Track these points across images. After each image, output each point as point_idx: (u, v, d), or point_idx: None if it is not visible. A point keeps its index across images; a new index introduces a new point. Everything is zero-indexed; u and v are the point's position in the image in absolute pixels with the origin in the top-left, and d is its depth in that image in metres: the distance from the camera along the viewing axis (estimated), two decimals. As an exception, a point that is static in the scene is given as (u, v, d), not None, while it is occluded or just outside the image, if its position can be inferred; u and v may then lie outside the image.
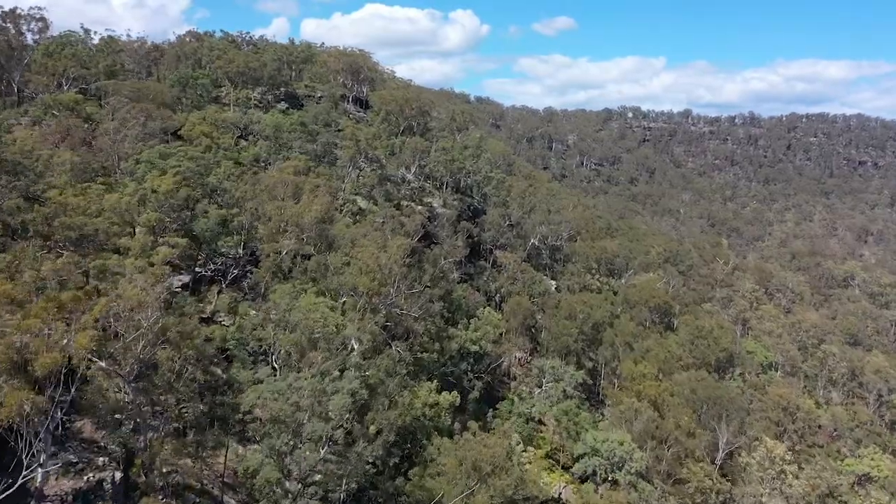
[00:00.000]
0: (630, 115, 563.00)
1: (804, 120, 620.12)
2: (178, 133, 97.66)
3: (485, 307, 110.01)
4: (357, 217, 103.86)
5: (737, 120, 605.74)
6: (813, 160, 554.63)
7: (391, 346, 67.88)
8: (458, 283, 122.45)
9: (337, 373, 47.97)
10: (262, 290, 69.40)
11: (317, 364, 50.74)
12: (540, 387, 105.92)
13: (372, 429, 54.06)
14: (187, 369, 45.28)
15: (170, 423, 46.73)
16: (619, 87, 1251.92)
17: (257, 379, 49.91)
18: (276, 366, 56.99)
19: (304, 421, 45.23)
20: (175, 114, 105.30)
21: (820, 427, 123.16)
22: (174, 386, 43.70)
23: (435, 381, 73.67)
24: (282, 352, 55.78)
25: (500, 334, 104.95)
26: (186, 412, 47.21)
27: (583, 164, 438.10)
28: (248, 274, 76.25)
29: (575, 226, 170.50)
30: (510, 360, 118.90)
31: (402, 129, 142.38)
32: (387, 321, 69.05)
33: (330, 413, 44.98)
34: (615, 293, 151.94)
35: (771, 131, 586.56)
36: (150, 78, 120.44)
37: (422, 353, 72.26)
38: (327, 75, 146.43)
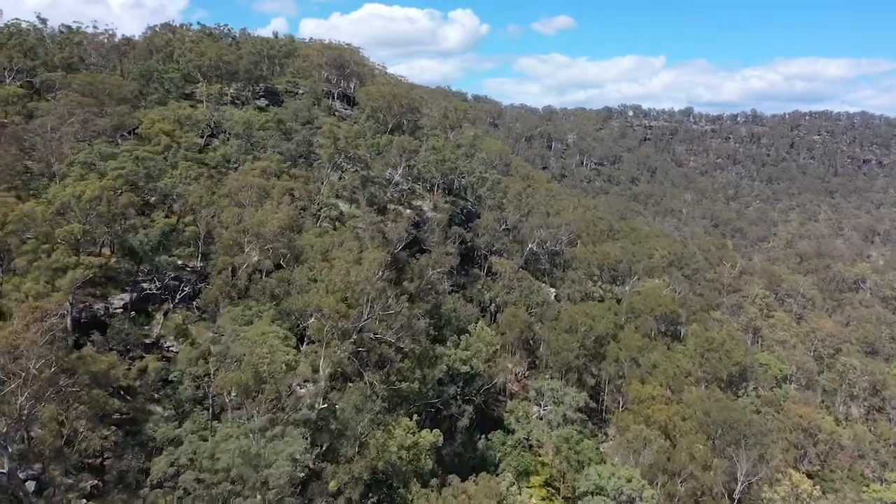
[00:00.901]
0: (630, 113, 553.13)
1: (807, 118, 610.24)
2: (137, 131, 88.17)
3: (478, 321, 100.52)
4: (336, 223, 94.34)
5: (739, 118, 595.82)
6: (817, 159, 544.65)
7: (363, 378, 58.28)
8: (449, 293, 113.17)
9: (281, 427, 38.26)
10: (215, 311, 59.72)
11: (261, 412, 41.07)
12: (539, 404, 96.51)
13: (333, 484, 44.54)
14: (79, 430, 35.61)
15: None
16: (619, 86, 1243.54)
17: (180, 435, 40.22)
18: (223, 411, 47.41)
19: (238, 490, 35.61)
20: (137, 110, 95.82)
21: (842, 447, 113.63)
22: (64, 451, 34.03)
23: (416, 415, 64.12)
24: (225, 393, 46.14)
25: (494, 352, 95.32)
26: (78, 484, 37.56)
27: (583, 163, 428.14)
28: (204, 290, 66.64)
29: (575, 228, 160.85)
30: (507, 376, 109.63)
31: (390, 127, 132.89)
32: (358, 347, 59.46)
33: (269, 482, 35.32)
34: (619, 301, 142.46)
35: (773, 129, 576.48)
36: (114, 72, 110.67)
37: (401, 382, 62.67)
38: (310, 70, 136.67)
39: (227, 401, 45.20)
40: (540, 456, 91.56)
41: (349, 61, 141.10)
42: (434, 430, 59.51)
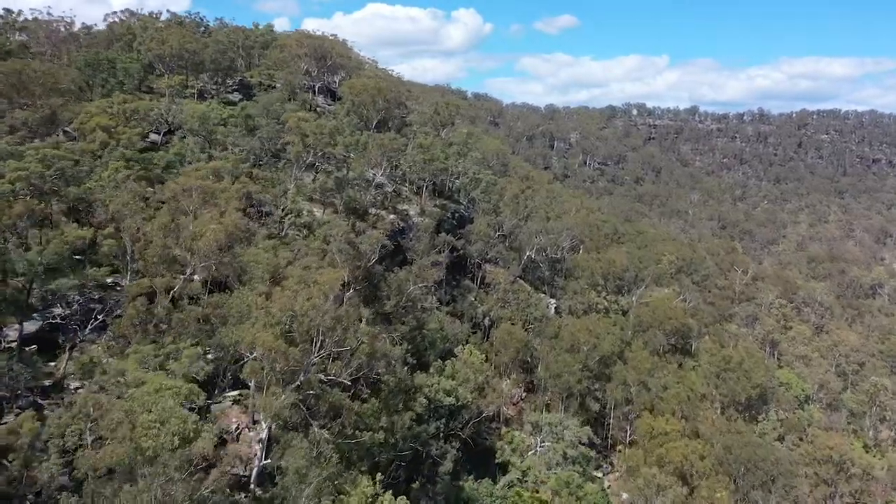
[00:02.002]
0: (635, 112, 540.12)
1: (815, 116, 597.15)
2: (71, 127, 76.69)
3: (466, 342, 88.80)
4: (306, 231, 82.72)
5: (745, 117, 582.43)
6: (825, 158, 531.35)
7: (312, 431, 46.64)
8: (437, 307, 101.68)
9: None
10: (126, 348, 48.00)
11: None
12: (536, 439, 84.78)
13: None
14: None
15: None
16: (622, 85, 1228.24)
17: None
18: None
19: None
20: (80, 103, 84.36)
21: (875, 479, 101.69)
22: None
23: (382, 468, 52.42)
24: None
25: (485, 380, 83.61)
26: None
27: (586, 163, 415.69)
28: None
29: (578, 233, 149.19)
30: (501, 400, 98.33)
31: (374, 123, 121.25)
32: (308, 391, 47.79)
33: None
34: (625, 313, 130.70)
35: (780, 128, 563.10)
36: (60, 62, 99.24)
37: (361, 431, 51.02)
38: (289, 62, 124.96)
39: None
40: (538, 491, 79.92)
41: (330, 52, 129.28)
42: (400, 498, 47.67)
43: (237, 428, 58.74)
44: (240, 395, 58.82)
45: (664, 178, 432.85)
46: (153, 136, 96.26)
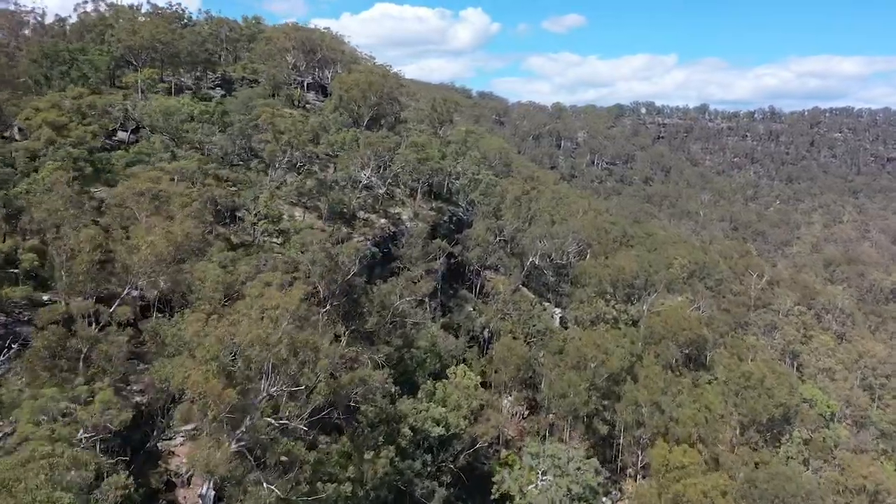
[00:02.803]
0: (643, 111, 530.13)
1: (827, 115, 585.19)
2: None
3: (461, 361, 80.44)
4: (281, 238, 74.53)
5: (756, 115, 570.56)
6: (838, 157, 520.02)
7: (259, 486, 38.38)
8: (433, 319, 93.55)
9: None
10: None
11: None
12: (537, 472, 76.23)
13: None
14: None
15: None
16: (629, 84, 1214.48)
17: None
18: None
19: None
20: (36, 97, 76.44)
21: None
22: None
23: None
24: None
25: (480, 405, 75.22)
26: None
27: (594, 162, 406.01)
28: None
29: (585, 236, 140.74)
30: (501, 421, 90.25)
31: (366, 120, 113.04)
32: (257, 435, 39.54)
33: None
34: (635, 324, 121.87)
35: (792, 127, 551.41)
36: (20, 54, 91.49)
37: (324, 483, 42.75)
38: (275, 55, 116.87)
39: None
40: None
41: (320, 45, 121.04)
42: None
43: (189, 470, 50.65)
44: (196, 429, 50.75)
45: (674, 177, 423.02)
46: (121, 135, 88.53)
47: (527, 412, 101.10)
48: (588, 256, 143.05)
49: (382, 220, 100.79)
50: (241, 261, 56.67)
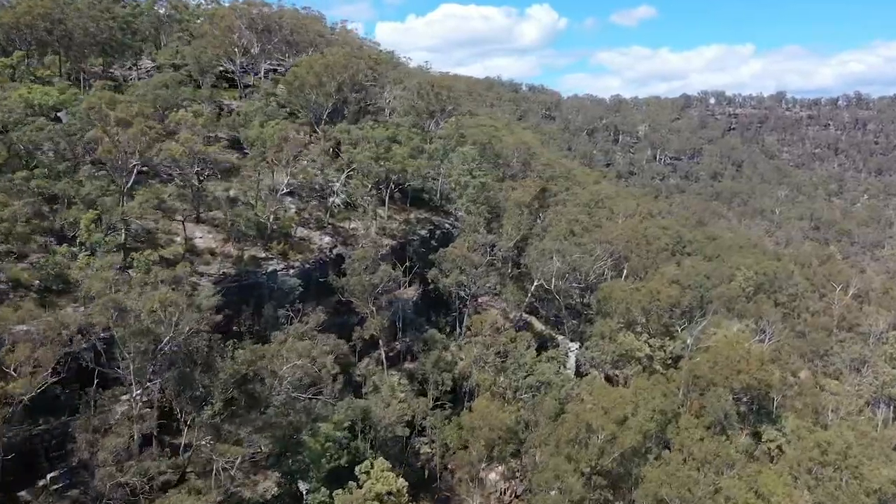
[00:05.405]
0: (712, 100, 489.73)
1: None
2: None
3: (374, 457, 55.77)
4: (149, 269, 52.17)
5: (840, 102, 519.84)
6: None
7: None
8: (382, 369, 70.47)
9: None
10: None
11: None
12: None
13: None
14: None
15: None
16: (703, 76, 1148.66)
17: None
18: None
19: None
20: None
21: None
22: None
23: None
24: None
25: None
26: None
27: (655, 158, 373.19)
28: None
29: (621, 248, 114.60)
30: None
31: (326, 112, 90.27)
32: None
33: None
34: (675, 363, 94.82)
35: (882, 114, 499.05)
36: None
37: None
38: (219, 37, 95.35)
39: None
40: None
41: (278, 24, 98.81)
42: None
43: None
44: None
45: (746, 172, 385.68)
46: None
47: (521, 489, 76.41)
48: (625, 273, 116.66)
49: (326, 239, 77.84)
50: None
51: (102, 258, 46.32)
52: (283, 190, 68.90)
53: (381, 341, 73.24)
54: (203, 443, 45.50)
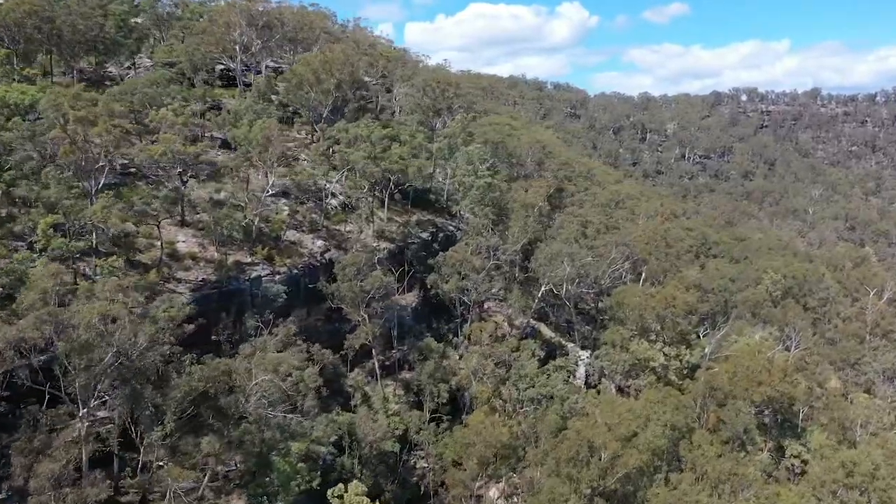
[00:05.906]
0: (744, 97, 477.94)
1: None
2: None
3: (358, 476, 52.24)
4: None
5: (878, 98, 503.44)
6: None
7: None
8: (368, 381, 67.06)
9: None
10: None
11: None
12: None
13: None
14: None
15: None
16: (736, 73, 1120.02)
17: None
18: None
19: None
20: None
21: None
22: None
23: None
24: None
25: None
26: None
27: (684, 156, 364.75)
28: None
29: (639, 251, 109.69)
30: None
31: (326, 111, 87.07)
32: None
33: None
34: (692, 373, 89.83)
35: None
36: None
37: None
38: (217, 35, 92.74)
39: None
40: None
41: (278, 21, 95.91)
42: None
43: None
44: None
45: (779, 170, 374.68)
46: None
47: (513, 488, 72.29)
48: (643, 277, 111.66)
49: (319, 243, 74.57)
50: None
51: (44, 267, 43.44)
52: (270, 191, 65.65)
53: (374, 350, 69.92)
54: (161, 463, 42.35)
